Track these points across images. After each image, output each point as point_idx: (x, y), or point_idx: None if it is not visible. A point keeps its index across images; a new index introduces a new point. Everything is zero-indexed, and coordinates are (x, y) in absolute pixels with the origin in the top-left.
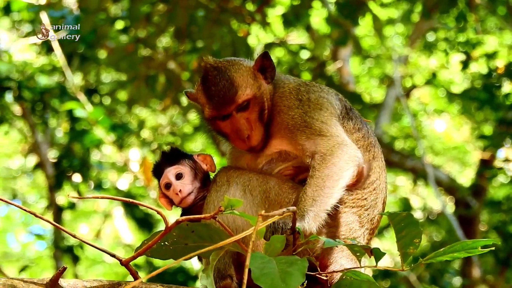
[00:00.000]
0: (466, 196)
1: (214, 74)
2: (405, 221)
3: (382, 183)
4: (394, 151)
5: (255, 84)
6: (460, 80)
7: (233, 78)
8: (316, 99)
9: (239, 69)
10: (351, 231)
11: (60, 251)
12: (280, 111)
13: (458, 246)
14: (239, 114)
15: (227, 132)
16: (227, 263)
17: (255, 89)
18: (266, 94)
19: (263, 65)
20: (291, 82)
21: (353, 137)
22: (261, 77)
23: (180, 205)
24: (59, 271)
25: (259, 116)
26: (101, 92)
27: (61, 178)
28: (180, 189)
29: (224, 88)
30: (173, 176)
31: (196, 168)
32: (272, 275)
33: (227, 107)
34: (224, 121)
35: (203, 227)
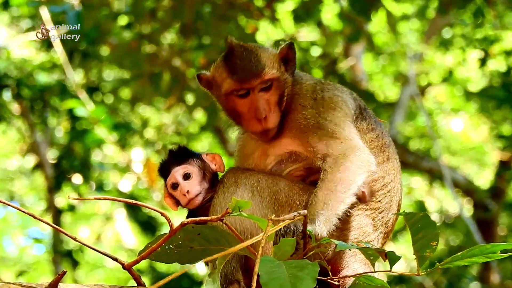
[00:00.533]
0: (484, 198)
1: (241, 50)
2: (421, 222)
3: (397, 185)
4: (409, 151)
5: (281, 70)
6: (478, 78)
7: (260, 56)
8: (330, 98)
9: (266, 51)
10: (365, 235)
11: (59, 255)
12: (295, 109)
13: (477, 250)
14: (260, 94)
15: (243, 112)
16: (234, 267)
17: (279, 73)
18: (288, 84)
19: (286, 55)
20: (308, 80)
21: (366, 138)
22: (283, 67)
23: (187, 206)
24: (58, 276)
25: (279, 101)
26: (103, 90)
27: (60, 179)
28: (188, 190)
29: (251, 62)
30: (181, 176)
31: (204, 168)
32: (282, 280)
33: (252, 80)
34: (243, 98)
35: (210, 230)
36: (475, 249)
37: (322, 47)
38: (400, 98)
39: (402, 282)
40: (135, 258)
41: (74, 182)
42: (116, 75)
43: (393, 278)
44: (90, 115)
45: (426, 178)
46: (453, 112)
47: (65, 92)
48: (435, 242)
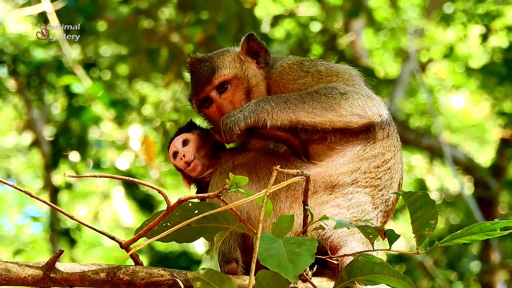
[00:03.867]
0: (485, 176)
1: (197, 65)
2: (420, 200)
3: (398, 163)
4: (410, 128)
5: (238, 66)
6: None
7: (213, 63)
8: (328, 69)
9: (222, 55)
10: (364, 213)
11: (56, 234)
12: (285, 85)
13: (476, 228)
14: (222, 96)
15: (217, 120)
16: (232, 245)
17: (237, 70)
18: (255, 75)
19: (251, 48)
20: (290, 59)
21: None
22: (250, 61)
23: (189, 172)
24: (55, 254)
25: (245, 97)
26: (100, 66)
27: (57, 157)
28: (184, 153)
29: (203, 72)
30: (180, 143)
31: (206, 137)
32: (280, 256)
33: (205, 88)
34: (210, 108)
35: (207, 207)
36: (475, 227)
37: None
38: (400, 75)
39: (402, 261)
40: (132, 236)
41: (71, 159)
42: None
43: (393, 257)
44: (87, 91)
45: (426, 156)
46: (454, 88)
47: (62, 68)
48: (434, 220)
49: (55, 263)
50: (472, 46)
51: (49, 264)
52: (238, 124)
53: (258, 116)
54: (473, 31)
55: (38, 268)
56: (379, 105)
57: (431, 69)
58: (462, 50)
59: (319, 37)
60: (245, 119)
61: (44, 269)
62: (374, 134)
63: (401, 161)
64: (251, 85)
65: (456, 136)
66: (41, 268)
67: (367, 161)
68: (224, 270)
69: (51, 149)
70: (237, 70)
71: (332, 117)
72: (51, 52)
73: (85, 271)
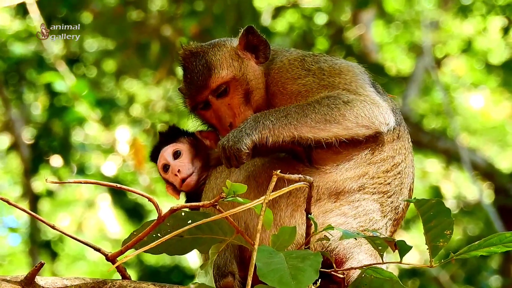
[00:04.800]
0: (507, 183)
1: (191, 61)
2: (434, 209)
3: (409, 166)
4: (424, 130)
5: (236, 65)
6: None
7: (209, 61)
8: (331, 66)
9: (219, 51)
10: (371, 222)
11: (36, 246)
12: (284, 85)
13: (496, 239)
14: (220, 100)
15: (214, 123)
16: (228, 258)
17: (235, 71)
18: (254, 75)
19: (250, 42)
20: (292, 54)
21: None
22: (249, 57)
23: (182, 188)
24: (35, 267)
25: (244, 100)
26: (85, 62)
27: (38, 162)
28: (178, 168)
29: (198, 73)
30: (170, 155)
31: (197, 145)
32: (281, 271)
33: (201, 93)
34: (206, 111)
35: (202, 217)
36: (494, 238)
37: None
38: (414, 72)
39: (415, 275)
40: (120, 248)
41: (53, 164)
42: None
43: (405, 271)
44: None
45: (442, 160)
46: (472, 86)
47: (43, 65)
48: (450, 231)
49: (34, 277)
50: (492, 40)
51: (28, 278)
52: (245, 143)
53: (260, 134)
54: (493, 24)
55: (16, 282)
56: (385, 112)
57: (448, 66)
58: (481, 44)
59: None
60: (250, 136)
61: (23, 283)
62: (382, 136)
63: (412, 164)
64: (251, 87)
65: (474, 139)
66: (19, 282)
67: (375, 165)
68: (219, 285)
69: (31, 153)
70: (236, 71)
71: (337, 131)
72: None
73: (67, 286)
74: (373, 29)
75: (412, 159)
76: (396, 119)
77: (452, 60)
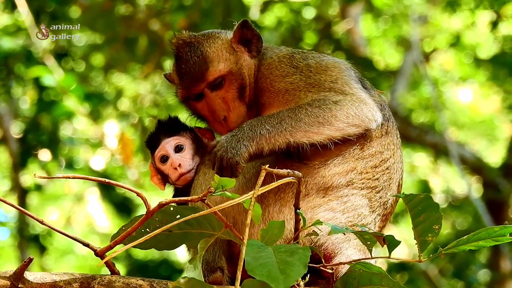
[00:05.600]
0: (495, 177)
1: (185, 50)
2: (422, 204)
3: (397, 162)
4: (412, 125)
5: (232, 59)
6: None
7: (205, 53)
8: (318, 63)
9: (214, 43)
10: (360, 217)
11: (25, 240)
12: (272, 82)
13: (484, 234)
14: (214, 93)
15: (205, 115)
16: (216, 253)
17: (231, 64)
18: (248, 69)
19: (244, 36)
20: (281, 51)
21: None
22: (242, 50)
23: (177, 182)
24: (24, 263)
25: (239, 94)
26: (74, 57)
27: (26, 156)
28: (180, 163)
29: (194, 65)
30: (172, 148)
31: (198, 142)
32: (269, 265)
33: (197, 85)
34: (198, 102)
35: (190, 211)
36: (482, 232)
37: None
38: (402, 66)
39: (404, 269)
40: (108, 243)
41: (41, 158)
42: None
43: (394, 265)
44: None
45: (430, 155)
46: (461, 81)
47: (31, 59)
48: (438, 225)
49: (23, 272)
50: (481, 34)
51: (17, 273)
52: (244, 156)
53: (257, 144)
54: (482, 18)
55: (5, 278)
56: (373, 109)
57: (436, 60)
58: (469, 38)
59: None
60: (248, 148)
61: (12, 278)
62: (371, 132)
63: (401, 160)
64: (245, 81)
65: (463, 133)
66: (8, 278)
67: (363, 160)
68: (208, 280)
69: (19, 147)
70: (232, 64)
71: (330, 133)
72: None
73: (56, 281)
74: (362, 23)
75: (401, 154)
76: (384, 115)
77: (440, 54)
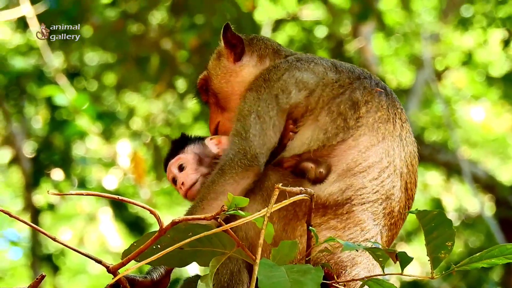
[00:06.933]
0: (508, 195)
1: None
2: (435, 220)
3: (401, 165)
4: (424, 143)
5: (212, 65)
6: (501, 61)
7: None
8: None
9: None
10: (363, 232)
11: (38, 259)
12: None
13: (496, 251)
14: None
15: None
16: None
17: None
18: (225, 75)
19: (228, 40)
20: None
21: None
22: (228, 55)
23: (188, 199)
24: (36, 280)
25: (216, 102)
26: (86, 76)
27: (39, 175)
28: (182, 181)
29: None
30: (176, 168)
31: (203, 153)
32: (282, 285)
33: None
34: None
35: (203, 229)
36: (495, 250)
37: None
38: (414, 84)
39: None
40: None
41: (54, 178)
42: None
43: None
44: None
45: (443, 173)
46: (473, 99)
47: (43, 78)
48: (451, 242)
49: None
50: (493, 53)
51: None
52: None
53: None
54: (494, 36)
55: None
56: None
57: (448, 78)
58: (482, 57)
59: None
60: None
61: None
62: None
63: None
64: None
65: (475, 152)
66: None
67: (360, 175)
68: None
69: (32, 166)
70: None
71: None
72: (31, 61)
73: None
74: (373, 42)
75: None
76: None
77: (452, 72)
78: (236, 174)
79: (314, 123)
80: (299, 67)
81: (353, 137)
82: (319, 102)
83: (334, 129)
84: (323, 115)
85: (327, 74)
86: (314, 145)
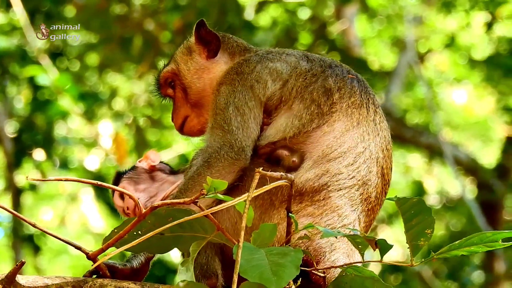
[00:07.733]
0: (489, 178)
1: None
2: (415, 207)
3: (376, 152)
4: (406, 125)
5: (181, 60)
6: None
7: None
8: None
9: (183, 45)
10: (341, 218)
11: (19, 240)
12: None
13: (476, 239)
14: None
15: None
16: (209, 256)
17: (180, 66)
18: (196, 71)
19: (202, 37)
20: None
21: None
22: (200, 51)
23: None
24: (16, 266)
25: (183, 97)
26: (68, 56)
27: (21, 155)
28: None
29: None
30: (118, 199)
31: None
32: (262, 267)
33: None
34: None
35: (183, 214)
36: (475, 237)
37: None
38: (397, 66)
39: (398, 270)
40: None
41: (36, 158)
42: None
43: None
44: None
45: (425, 156)
46: (455, 82)
47: (26, 58)
48: (430, 229)
49: (15, 275)
50: (476, 36)
51: (9, 277)
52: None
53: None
54: (476, 19)
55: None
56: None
57: (431, 61)
58: (464, 39)
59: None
60: None
61: (4, 282)
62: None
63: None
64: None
65: (457, 134)
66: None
67: (336, 160)
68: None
69: (14, 146)
70: (178, 65)
71: None
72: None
73: (48, 285)
74: (357, 24)
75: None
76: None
77: (435, 55)
78: (223, 168)
79: (288, 111)
80: (271, 58)
81: (328, 123)
82: (292, 92)
83: (308, 115)
84: (296, 103)
85: (300, 63)
86: (290, 132)
